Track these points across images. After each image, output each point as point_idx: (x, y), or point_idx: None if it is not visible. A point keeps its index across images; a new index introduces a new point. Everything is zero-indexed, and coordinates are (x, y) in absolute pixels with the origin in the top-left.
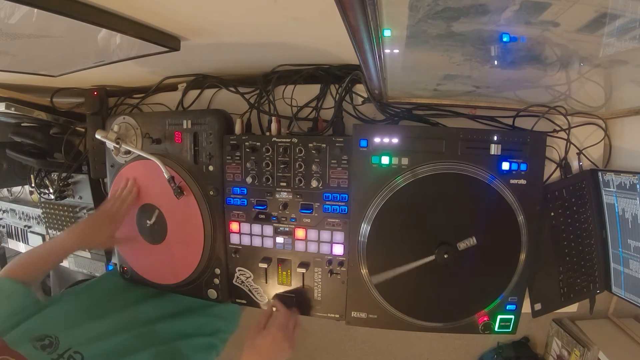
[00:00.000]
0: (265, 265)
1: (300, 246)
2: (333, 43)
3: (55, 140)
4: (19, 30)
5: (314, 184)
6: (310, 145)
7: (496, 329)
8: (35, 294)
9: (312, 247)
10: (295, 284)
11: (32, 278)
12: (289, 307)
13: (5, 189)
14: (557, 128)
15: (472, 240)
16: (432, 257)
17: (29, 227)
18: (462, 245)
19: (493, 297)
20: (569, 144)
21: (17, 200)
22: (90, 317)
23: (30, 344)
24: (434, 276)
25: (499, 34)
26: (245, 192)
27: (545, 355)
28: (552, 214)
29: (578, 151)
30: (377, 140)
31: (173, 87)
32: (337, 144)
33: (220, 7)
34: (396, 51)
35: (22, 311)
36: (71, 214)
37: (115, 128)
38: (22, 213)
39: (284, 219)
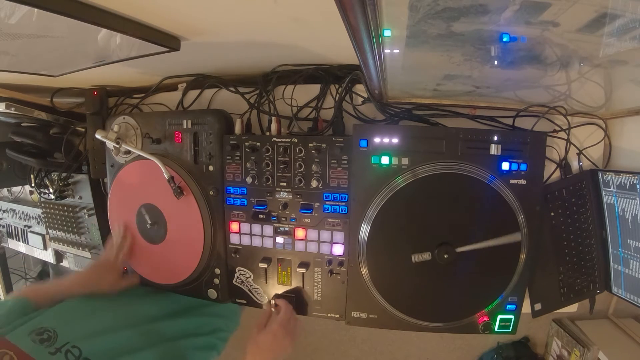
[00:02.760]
0: (265, 265)
1: (300, 246)
2: (333, 43)
3: (55, 140)
4: (19, 30)
5: (314, 184)
6: (310, 145)
7: (496, 329)
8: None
9: (312, 247)
10: (295, 284)
11: (41, 302)
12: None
13: (5, 189)
14: (557, 128)
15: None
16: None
17: (29, 227)
18: (461, 249)
19: (493, 297)
20: (569, 144)
21: (17, 200)
22: (90, 313)
23: (29, 338)
24: (434, 276)
25: (499, 34)
26: (245, 192)
27: (545, 355)
28: (552, 214)
29: (578, 151)
30: (377, 140)
31: (173, 87)
32: (337, 144)
33: (220, 7)
34: (396, 51)
35: (24, 315)
36: (71, 214)
37: (115, 128)
38: (22, 213)
39: (284, 219)
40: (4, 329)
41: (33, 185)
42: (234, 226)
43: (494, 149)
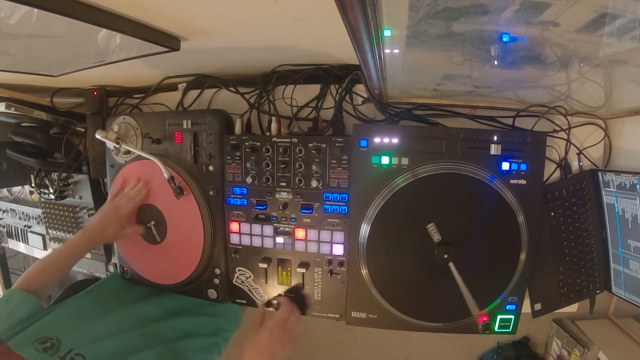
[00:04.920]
0: (265, 265)
1: (300, 246)
2: (333, 43)
3: (55, 140)
4: (19, 30)
5: (314, 184)
6: (310, 145)
7: (496, 329)
8: (42, 304)
9: (312, 247)
10: (295, 284)
11: (44, 286)
12: (289, 305)
13: (5, 189)
14: (557, 128)
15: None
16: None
17: (29, 227)
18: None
19: (493, 297)
20: (569, 144)
21: (17, 200)
22: (92, 317)
23: (32, 347)
24: (434, 276)
25: (499, 34)
26: (245, 192)
27: (545, 355)
28: (552, 214)
29: (578, 151)
30: (377, 140)
31: (173, 87)
32: (337, 144)
33: (221, 7)
34: (396, 51)
35: (28, 319)
36: (71, 214)
37: (115, 128)
38: (22, 213)
39: (284, 219)
40: (6, 334)
41: (33, 185)
42: (234, 226)
43: (494, 149)
